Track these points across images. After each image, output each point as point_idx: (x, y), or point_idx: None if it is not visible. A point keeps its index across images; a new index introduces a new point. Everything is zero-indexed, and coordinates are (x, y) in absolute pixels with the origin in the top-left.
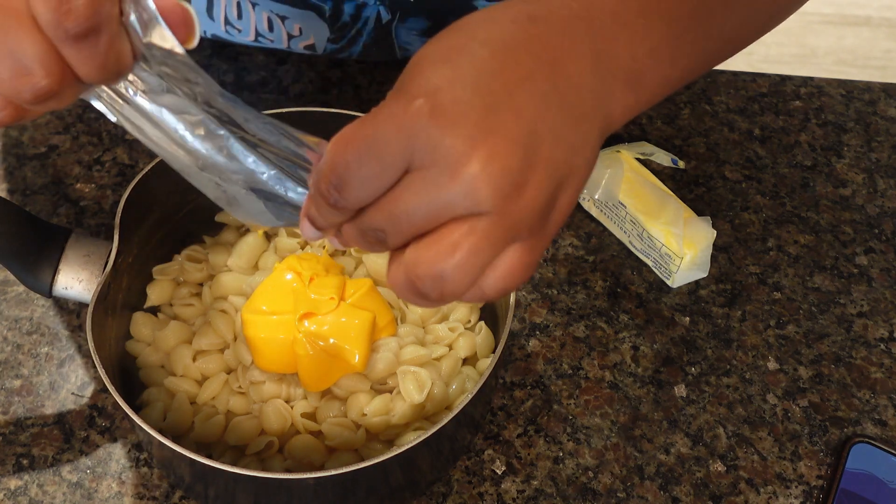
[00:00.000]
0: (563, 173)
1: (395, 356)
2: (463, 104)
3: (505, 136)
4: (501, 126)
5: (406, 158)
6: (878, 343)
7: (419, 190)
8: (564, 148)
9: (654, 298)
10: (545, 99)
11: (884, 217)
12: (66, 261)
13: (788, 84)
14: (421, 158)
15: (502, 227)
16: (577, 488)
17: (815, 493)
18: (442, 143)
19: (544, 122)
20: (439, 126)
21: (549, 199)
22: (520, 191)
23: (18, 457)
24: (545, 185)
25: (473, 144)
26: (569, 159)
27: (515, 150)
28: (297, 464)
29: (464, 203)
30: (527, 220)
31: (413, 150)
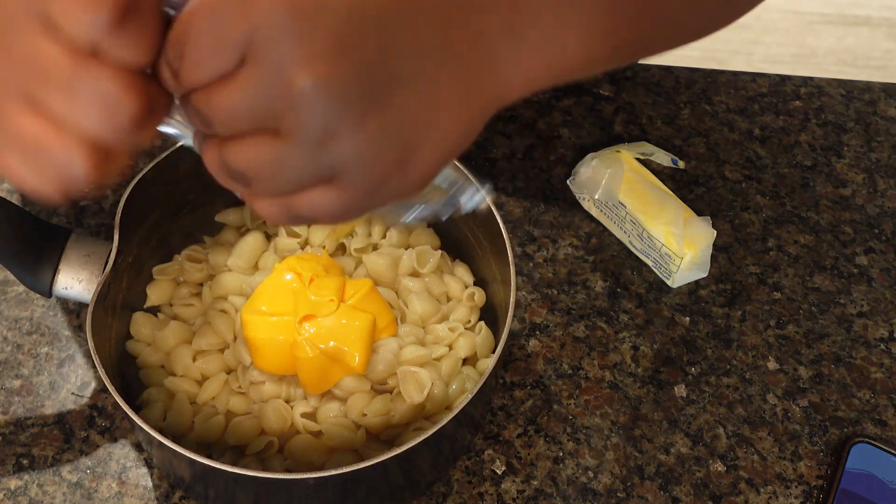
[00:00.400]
0: (417, 129)
1: (395, 356)
2: (325, 10)
3: (357, 60)
4: (357, 47)
5: (245, 45)
6: (878, 343)
7: (245, 86)
8: (428, 101)
9: (654, 298)
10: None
11: (884, 217)
12: (66, 261)
13: (788, 84)
14: (259, 52)
15: (316, 157)
16: (577, 488)
17: (815, 493)
18: (283, 43)
19: (412, 63)
20: (288, 23)
21: (391, 150)
22: (354, 126)
23: (18, 457)
24: (386, 131)
25: (315, 56)
26: (431, 116)
27: (361, 78)
28: (297, 464)
29: (286, 117)
30: (350, 163)
31: (254, 38)
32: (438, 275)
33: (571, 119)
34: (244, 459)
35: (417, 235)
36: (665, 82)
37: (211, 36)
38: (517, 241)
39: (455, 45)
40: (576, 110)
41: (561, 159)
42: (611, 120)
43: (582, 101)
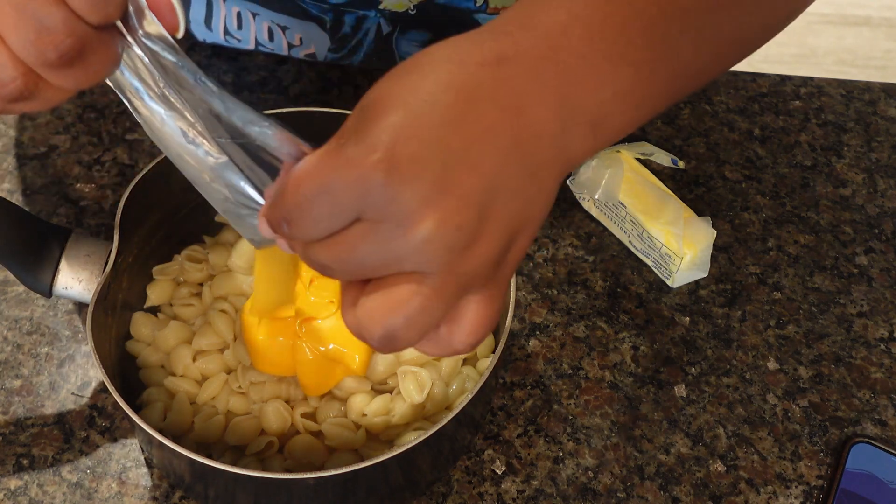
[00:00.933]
0: (516, 226)
1: (395, 356)
2: (419, 161)
3: (460, 195)
4: (457, 184)
5: (358, 208)
6: (878, 343)
7: (369, 241)
8: (520, 201)
9: (654, 298)
10: (505, 153)
11: (884, 217)
12: (66, 261)
13: (788, 84)
14: (373, 211)
15: (452, 283)
16: (577, 488)
17: (815, 493)
18: (395, 201)
19: (501, 178)
20: (394, 183)
21: (502, 251)
22: (471, 248)
23: (18, 457)
24: (497, 239)
25: (427, 204)
26: (523, 211)
27: (469, 209)
28: (297, 464)
29: (414, 260)
30: (478, 274)
31: (366, 202)
32: None
33: None
34: (244, 459)
35: None
36: None
37: (327, 202)
38: None
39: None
40: None
41: None
42: None
43: None
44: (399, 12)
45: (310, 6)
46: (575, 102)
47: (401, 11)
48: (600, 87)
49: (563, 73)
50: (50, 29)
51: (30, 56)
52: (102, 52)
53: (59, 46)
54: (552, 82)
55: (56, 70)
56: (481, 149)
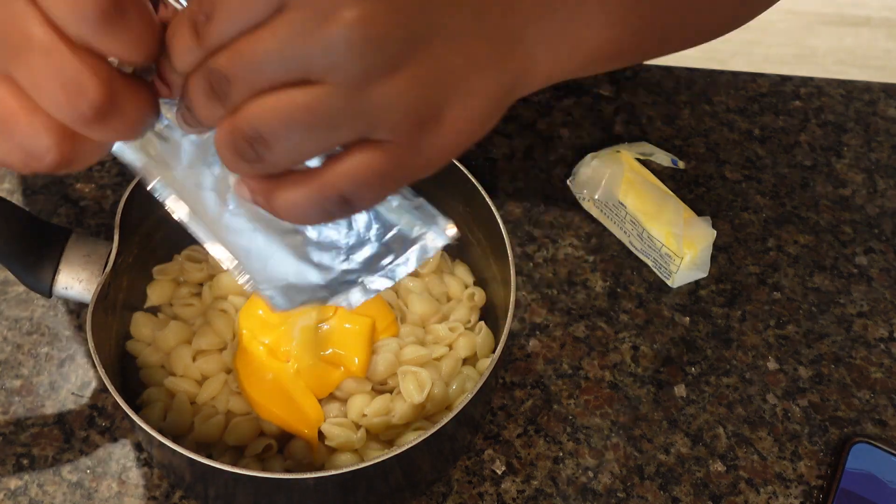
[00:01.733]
0: (452, 84)
1: (395, 356)
2: None
3: (396, 6)
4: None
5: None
6: (878, 343)
7: (279, 33)
8: (462, 59)
9: (654, 298)
10: (461, 6)
11: (884, 217)
12: (66, 261)
13: (788, 84)
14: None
15: (351, 105)
16: (577, 488)
17: (815, 493)
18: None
19: (451, 16)
20: None
21: (426, 102)
22: (388, 73)
23: (18, 457)
24: (423, 81)
25: (357, 1)
26: (464, 74)
27: (401, 25)
28: (297, 464)
29: (320, 62)
30: (388, 110)
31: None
32: (438, 275)
33: (571, 119)
34: (244, 460)
35: None
36: (665, 82)
37: None
38: (517, 241)
39: (489, 10)
40: (576, 110)
41: (561, 159)
42: (611, 120)
43: (582, 101)
44: None
45: None
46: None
47: None
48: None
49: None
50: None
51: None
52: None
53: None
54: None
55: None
56: None
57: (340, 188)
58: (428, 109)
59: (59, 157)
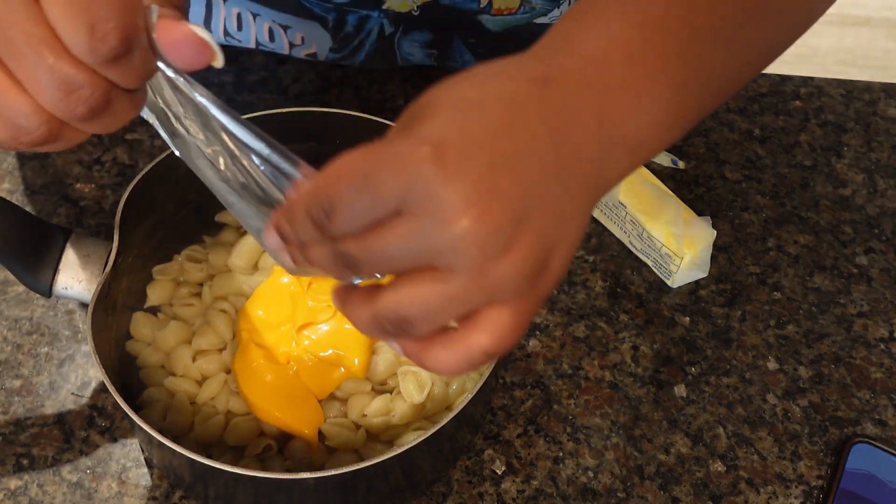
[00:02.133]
0: (552, 239)
1: (395, 356)
2: (467, 160)
3: (501, 198)
4: (499, 188)
5: (400, 201)
6: (878, 343)
7: (405, 234)
8: (557, 216)
9: (654, 298)
10: (546, 166)
11: (884, 217)
12: (66, 261)
13: (788, 84)
14: (415, 204)
15: (479, 285)
16: (577, 488)
17: (815, 493)
18: (439, 194)
19: (541, 189)
20: (440, 177)
21: (536, 263)
22: (505, 253)
23: (18, 457)
24: (532, 249)
25: (469, 202)
26: (560, 226)
27: (508, 213)
28: (297, 464)
29: (446, 256)
30: (507, 282)
31: (409, 194)
32: None
33: None
34: (244, 460)
35: None
36: None
37: (370, 193)
38: None
39: (565, 162)
40: None
41: None
42: None
43: None
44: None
45: (313, 5)
46: (613, 126)
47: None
48: (639, 111)
49: (603, 98)
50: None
51: (59, 111)
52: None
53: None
54: (593, 106)
55: (85, 122)
56: (525, 158)
57: (483, 346)
58: (539, 268)
59: (48, 133)
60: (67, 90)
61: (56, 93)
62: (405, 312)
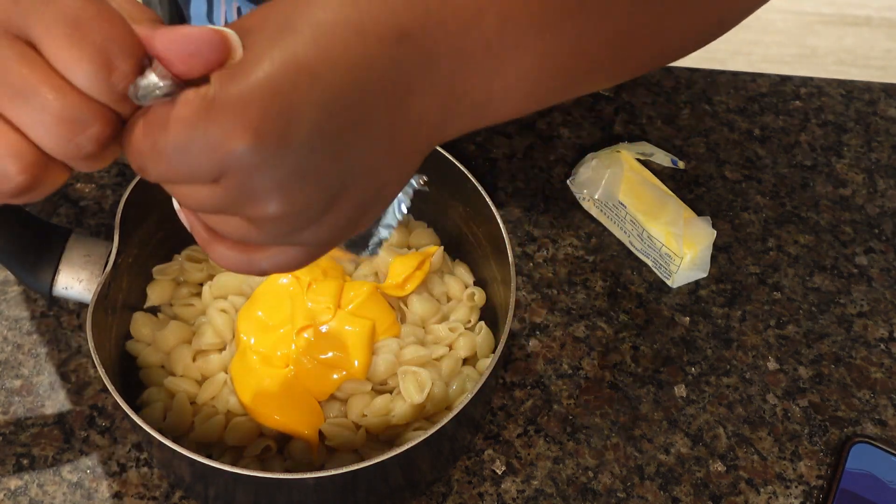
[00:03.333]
0: (365, 205)
1: (395, 357)
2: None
3: (315, 182)
4: (316, 171)
5: (216, 172)
6: (878, 343)
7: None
8: (376, 186)
9: (654, 298)
10: (375, 142)
11: (884, 217)
12: (66, 261)
13: (788, 84)
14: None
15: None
16: (577, 488)
17: (815, 493)
18: (252, 175)
19: (363, 165)
20: (256, 157)
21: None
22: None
23: (18, 457)
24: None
25: (281, 187)
26: (377, 194)
27: (321, 194)
28: (297, 464)
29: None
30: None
31: (224, 166)
32: (439, 275)
33: (571, 119)
34: (244, 459)
35: (418, 235)
36: (665, 82)
37: (183, 165)
38: (517, 241)
39: (399, 133)
40: (576, 110)
41: (561, 159)
42: (611, 120)
43: (582, 101)
44: None
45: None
46: (464, 92)
47: None
48: (494, 77)
49: (460, 63)
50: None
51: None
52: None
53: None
54: (445, 71)
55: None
56: (353, 136)
57: (265, 267)
58: (345, 231)
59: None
60: (75, 129)
61: (62, 132)
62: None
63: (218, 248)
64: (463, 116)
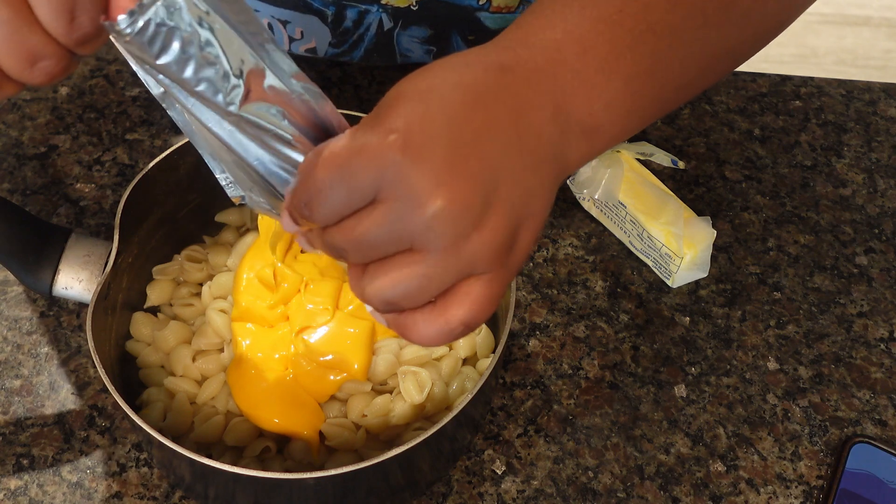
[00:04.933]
0: (520, 214)
1: (395, 357)
2: (432, 143)
3: (468, 176)
4: (466, 167)
5: (375, 188)
6: (878, 343)
7: (382, 220)
8: (522, 191)
9: (654, 298)
10: (507, 145)
11: (884, 217)
12: (66, 261)
13: (788, 84)
14: (388, 190)
15: (455, 260)
16: (577, 488)
17: (815, 493)
18: (410, 178)
19: (505, 167)
20: (408, 161)
21: (507, 237)
22: (477, 229)
23: (18, 457)
24: (502, 224)
25: (438, 183)
26: (527, 201)
27: (477, 190)
28: (297, 464)
29: (423, 236)
30: (483, 255)
31: (382, 181)
32: None
33: None
34: (244, 460)
35: None
36: None
37: (345, 184)
38: None
39: (526, 142)
40: None
41: None
42: None
43: None
44: (401, 7)
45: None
46: (568, 111)
47: (403, 7)
48: (591, 98)
49: (557, 85)
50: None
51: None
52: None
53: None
54: (548, 92)
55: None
56: (487, 139)
57: (461, 318)
58: (509, 242)
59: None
60: (32, 61)
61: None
62: (388, 295)
63: (417, 324)
64: (575, 133)
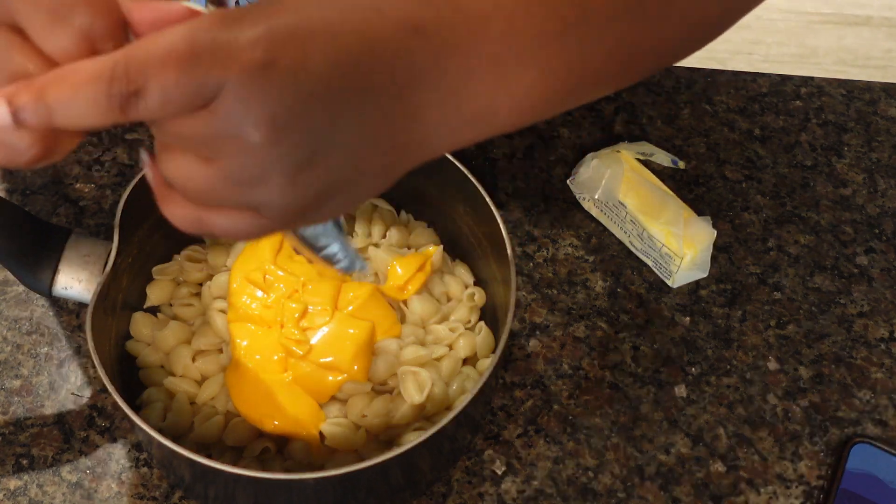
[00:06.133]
0: (335, 190)
1: (395, 357)
2: (290, 79)
3: (307, 131)
4: (311, 122)
5: (212, 95)
6: (879, 343)
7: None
8: (354, 173)
9: (654, 298)
10: (371, 121)
11: (884, 217)
12: (66, 261)
13: (788, 84)
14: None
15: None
16: (577, 488)
17: (815, 494)
18: (251, 102)
19: (353, 142)
20: (258, 84)
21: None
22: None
23: (18, 457)
24: (313, 184)
25: (272, 122)
26: (351, 184)
27: (303, 150)
28: (297, 464)
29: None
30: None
31: (223, 89)
32: (439, 275)
33: (571, 119)
34: (244, 460)
35: (417, 235)
36: (665, 82)
37: (188, 83)
38: (517, 241)
39: (395, 122)
40: (576, 110)
41: (561, 159)
42: (611, 120)
43: None
44: None
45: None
46: (466, 96)
47: None
48: (499, 87)
49: (467, 69)
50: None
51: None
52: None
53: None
54: (453, 74)
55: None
56: (354, 102)
57: (220, 227)
58: (313, 203)
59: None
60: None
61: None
62: (172, 178)
63: (171, 204)
64: (462, 121)
